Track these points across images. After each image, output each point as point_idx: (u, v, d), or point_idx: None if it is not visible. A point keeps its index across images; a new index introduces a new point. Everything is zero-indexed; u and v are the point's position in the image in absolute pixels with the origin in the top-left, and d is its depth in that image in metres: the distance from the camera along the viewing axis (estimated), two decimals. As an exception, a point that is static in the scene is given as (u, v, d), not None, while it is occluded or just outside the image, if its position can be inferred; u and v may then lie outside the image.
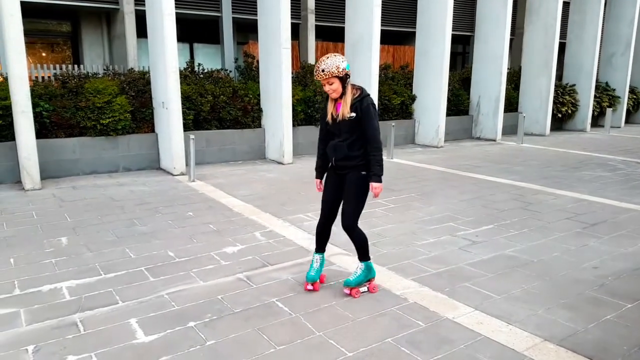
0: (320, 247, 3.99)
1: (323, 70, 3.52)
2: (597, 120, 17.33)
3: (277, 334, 3.25)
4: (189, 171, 8.11)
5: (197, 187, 7.63)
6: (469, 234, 5.43)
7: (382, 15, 10.88)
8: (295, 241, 5.15)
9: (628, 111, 18.40)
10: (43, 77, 10.47)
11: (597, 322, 3.47)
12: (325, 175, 3.96)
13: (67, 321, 3.41)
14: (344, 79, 3.59)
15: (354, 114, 3.58)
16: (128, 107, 8.61)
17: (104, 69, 9.92)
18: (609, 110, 15.88)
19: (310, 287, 3.95)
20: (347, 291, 3.88)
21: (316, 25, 15.62)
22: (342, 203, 3.81)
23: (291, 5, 9.50)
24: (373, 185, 3.64)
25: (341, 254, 4.77)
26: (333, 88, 3.59)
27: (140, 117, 8.94)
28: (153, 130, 9.11)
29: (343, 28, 11.60)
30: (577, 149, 12.24)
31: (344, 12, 11.39)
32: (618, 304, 3.75)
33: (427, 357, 3.01)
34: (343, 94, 3.62)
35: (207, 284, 4.06)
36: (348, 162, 3.69)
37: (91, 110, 8.28)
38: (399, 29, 17.70)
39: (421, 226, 5.71)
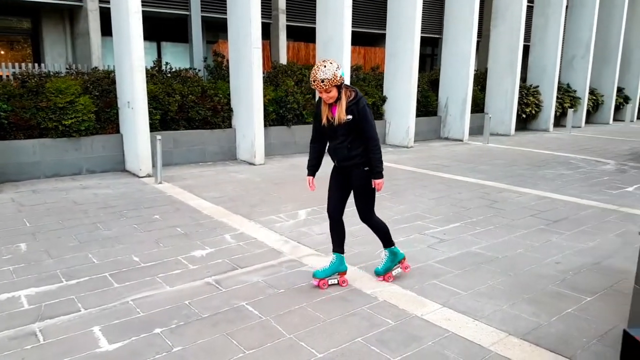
0: (336, 246, 4.05)
1: (323, 81, 3.53)
2: (559, 120, 17.85)
3: (246, 338, 3.22)
4: (156, 173, 7.96)
5: (164, 189, 7.50)
6: (437, 232, 5.50)
7: (353, 16, 10.93)
8: (266, 243, 5.11)
9: (588, 112, 19.01)
10: (1, 76, 10.12)
11: (558, 315, 3.57)
12: (331, 171, 4.03)
13: (26, 331, 3.29)
14: (340, 85, 3.63)
15: (350, 117, 3.66)
16: (92, 107, 8.40)
17: (67, 68, 9.65)
18: (570, 111, 16.37)
19: (315, 282, 4.00)
20: (380, 279, 4.08)
21: (287, 25, 15.58)
22: (354, 200, 3.94)
23: (262, 5, 9.45)
24: (376, 182, 3.81)
25: (313, 255, 4.76)
26: (330, 95, 3.63)
27: (105, 118, 8.73)
28: (118, 131, 8.92)
29: (314, 28, 11.60)
30: (540, 148, 12.56)
31: (315, 12, 11.40)
32: (578, 298, 3.86)
33: (396, 355, 3.03)
34: (338, 98, 3.67)
35: (174, 289, 3.98)
36: (349, 162, 3.80)
37: (52, 110, 8.05)
38: (369, 31, 17.82)
39: (391, 225, 5.69)
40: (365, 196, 3.90)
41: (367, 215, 3.97)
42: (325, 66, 3.55)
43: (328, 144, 3.90)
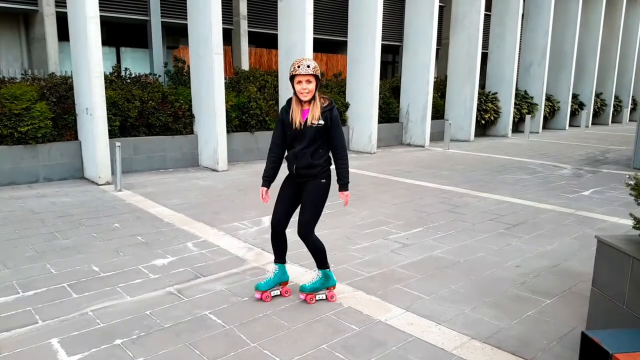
0: (278, 257, 3.95)
1: (309, 66, 3.52)
2: (518, 126, 18.40)
3: (209, 348, 3.17)
4: (115, 180, 7.78)
5: (124, 197, 7.33)
6: (400, 237, 5.57)
7: (314, 23, 10.99)
8: (229, 250, 5.06)
9: (545, 118, 19.70)
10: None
11: (519, 318, 3.66)
12: (283, 181, 3.89)
13: (-21, 345, 3.15)
14: (318, 80, 3.61)
15: (322, 122, 3.61)
16: (49, 114, 8.15)
17: (22, 74, 9.34)
18: (528, 117, 16.89)
19: (257, 295, 3.89)
20: (302, 297, 3.88)
21: (249, 32, 15.52)
22: (300, 211, 3.78)
23: (223, 11, 9.39)
24: (344, 193, 3.77)
25: (275, 262, 4.73)
26: (310, 88, 3.56)
27: (63, 124, 8.48)
28: (76, 138, 8.67)
29: (276, 35, 11.60)
30: (499, 153, 12.90)
31: (277, 19, 11.40)
32: (538, 300, 3.97)
33: (360, 361, 3.04)
34: (313, 98, 3.62)
35: (135, 299, 3.89)
36: (310, 171, 3.68)
37: (7, 117, 7.76)
38: (331, 38, 17.95)
39: (355, 231, 5.79)
40: (313, 209, 3.72)
41: (308, 230, 3.73)
42: (309, 59, 3.60)
43: (288, 151, 3.77)
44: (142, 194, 7.55)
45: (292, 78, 3.59)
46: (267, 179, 3.85)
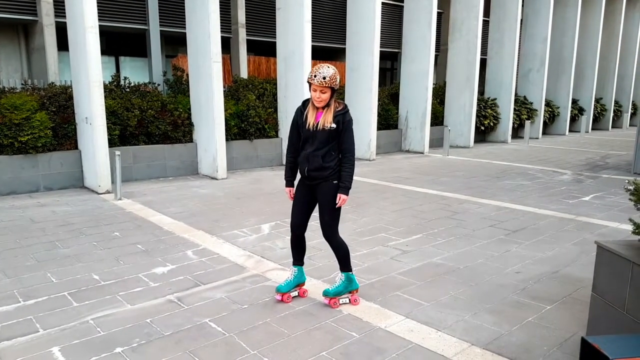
0: (297, 260, 4.02)
1: (324, 78, 3.54)
2: (517, 132, 18.42)
3: (210, 356, 3.17)
4: (115, 189, 7.79)
5: (124, 206, 7.33)
6: (399, 244, 5.57)
7: (313, 31, 11.04)
8: (229, 258, 5.06)
9: (545, 123, 19.72)
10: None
11: (519, 324, 3.66)
12: (295, 184, 3.95)
13: (-21, 355, 3.15)
14: (334, 92, 3.64)
15: (334, 125, 3.65)
16: (49, 124, 8.17)
17: (22, 84, 9.37)
18: (527, 123, 16.91)
19: (278, 297, 3.97)
20: (325, 301, 3.92)
21: (247, 40, 15.58)
22: (319, 214, 3.84)
23: (221, 19, 9.44)
24: (341, 196, 3.74)
25: (277, 269, 4.74)
26: (323, 97, 3.61)
27: (63, 134, 8.50)
28: (76, 147, 8.69)
29: (275, 43, 11.66)
30: (499, 159, 12.92)
31: (275, 27, 11.46)
32: (538, 306, 3.97)
33: (361, 368, 3.04)
34: (327, 105, 3.66)
35: (135, 307, 3.89)
36: (321, 173, 3.72)
37: (8, 127, 7.78)
38: (330, 45, 18.01)
39: (355, 238, 5.80)
40: (331, 212, 3.78)
41: (331, 232, 3.84)
42: (328, 67, 3.60)
43: (301, 153, 3.80)
44: (141, 202, 7.56)
45: (309, 84, 3.63)
46: (289, 179, 3.97)
